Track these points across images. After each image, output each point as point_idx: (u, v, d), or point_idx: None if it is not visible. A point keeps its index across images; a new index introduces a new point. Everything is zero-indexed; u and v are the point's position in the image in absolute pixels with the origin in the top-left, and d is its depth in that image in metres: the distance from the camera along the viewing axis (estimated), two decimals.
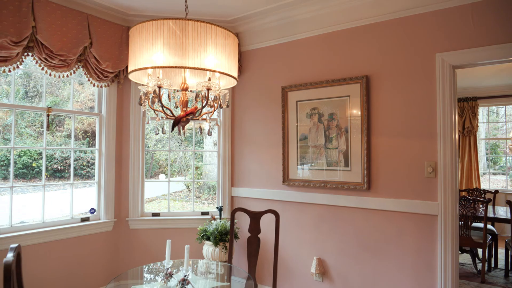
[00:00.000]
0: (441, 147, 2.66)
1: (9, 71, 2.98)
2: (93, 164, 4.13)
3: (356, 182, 3.07)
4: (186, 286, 1.95)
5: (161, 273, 2.18)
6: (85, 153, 7.84)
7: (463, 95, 6.82)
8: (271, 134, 3.70)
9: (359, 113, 3.07)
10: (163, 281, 2.04)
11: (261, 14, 3.62)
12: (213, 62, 1.85)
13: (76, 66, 3.41)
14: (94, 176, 3.78)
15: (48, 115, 3.36)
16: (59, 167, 7.81)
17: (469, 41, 2.61)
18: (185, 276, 1.99)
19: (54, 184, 7.01)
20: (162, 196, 9.10)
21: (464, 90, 6.76)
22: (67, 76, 3.37)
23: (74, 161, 3.62)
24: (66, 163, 7.65)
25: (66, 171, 7.36)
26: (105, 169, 3.71)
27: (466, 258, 5.16)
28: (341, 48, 3.25)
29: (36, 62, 3.13)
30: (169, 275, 2.07)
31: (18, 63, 3.00)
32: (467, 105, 6.82)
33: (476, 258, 4.74)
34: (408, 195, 2.83)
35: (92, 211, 3.64)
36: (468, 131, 6.82)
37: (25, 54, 3.05)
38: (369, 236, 3.02)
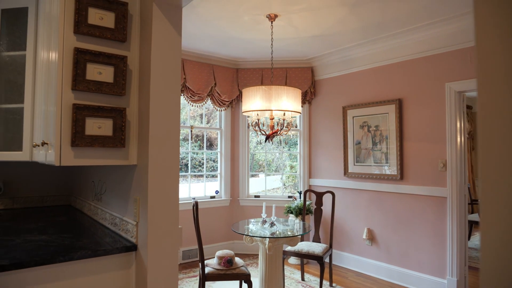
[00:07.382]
0: (449, 149, 3.79)
1: None
2: (202, 163, 6.06)
3: (393, 174, 4.32)
4: (273, 226, 3.59)
5: (259, 221, 3.85)
6: (197, 154, 10.29)
7: None
8: (335, 140, 5.13)
9: (395, 125, 4.32)
10: (260, 224, 3.71)
11: (327, 54, 5.08)
12: (286, 105, 3.45)
13: (206, 99, 5.36)
14: (206, 170, 5.72)
15: (191, 130, 5.38)
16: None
17: (469, 74, 3.69)
18: (272, 221, 3.63)
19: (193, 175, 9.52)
20: (262, 192, 11.01)
21: None
22: (201, 106, 5.35)
23: (191, 160, 5.60)
24: (182, 162, 10.08)
25: (182, 169, 9.73)
26: (224, 165, 5.61)
27: None
28: (382, 78, 4.53)
29: (185, 99, 5.15)
30: (264, 221, 3.73)
31: None
32: None
33: None
34: (427, 183, 4.00)
35: (216, 192, 5.57)
36: None
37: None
38: (402, 212, 4.25)
